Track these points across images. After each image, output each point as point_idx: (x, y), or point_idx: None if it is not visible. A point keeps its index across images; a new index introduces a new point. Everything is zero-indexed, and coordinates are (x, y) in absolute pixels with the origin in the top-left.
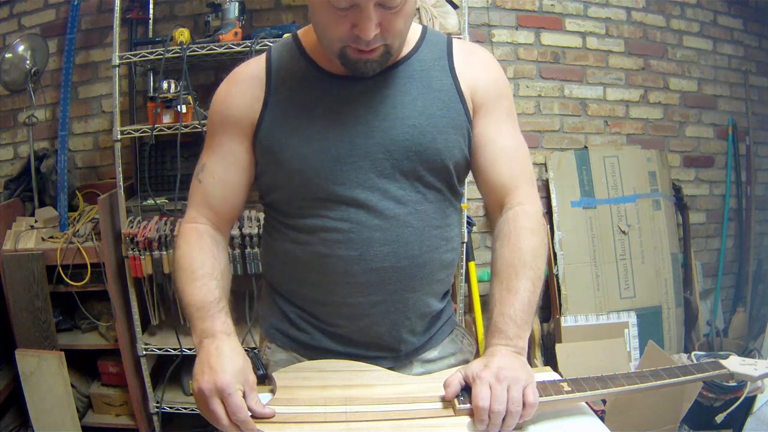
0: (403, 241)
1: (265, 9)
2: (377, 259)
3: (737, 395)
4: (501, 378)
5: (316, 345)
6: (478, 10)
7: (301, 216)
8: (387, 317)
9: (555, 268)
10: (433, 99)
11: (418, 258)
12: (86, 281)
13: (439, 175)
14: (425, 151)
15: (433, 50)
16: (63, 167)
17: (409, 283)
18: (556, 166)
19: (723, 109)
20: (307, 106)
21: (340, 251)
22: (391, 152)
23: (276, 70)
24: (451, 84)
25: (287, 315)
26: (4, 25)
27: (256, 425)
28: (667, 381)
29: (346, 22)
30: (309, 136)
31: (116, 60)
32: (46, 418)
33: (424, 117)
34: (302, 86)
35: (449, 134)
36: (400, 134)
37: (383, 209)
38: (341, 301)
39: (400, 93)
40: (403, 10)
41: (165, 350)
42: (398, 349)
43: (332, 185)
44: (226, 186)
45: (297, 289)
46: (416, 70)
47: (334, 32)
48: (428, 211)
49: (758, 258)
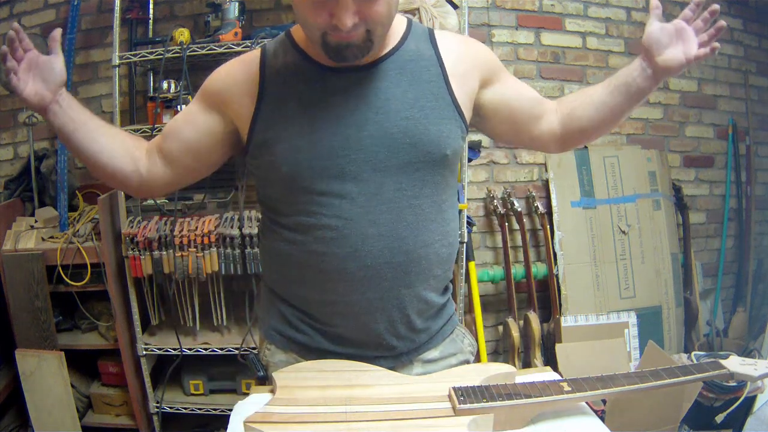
0: (398, 236)
1: (265, 9)
2: (372, 255)
3: (737, 395)
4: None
5: (316, 346)
6: (478, 10)
7: (295, 213)
8: (384, 314)
9: (555, 268)
10: (423, 91)
11: (413, 253)
12: (86, 281)
13: (434, 167)
14: (419, 142)
15: (419, 41)
16: (63, 167)
17: (404, 278)
18: (556, 166)
19: (723, 109)
20: (301, 98)
21: (334, 248)
22: (385, 145)
23: (270, 64)
24: (439, 74)
25: (286, 317)
26: (4, 25)
27: (257, 425)
28: (667, 381)
29: (325, 11)
30: (302, 128)
31: (116, 60)
32: (46, 418)
33: (416, 109)
34: (295, 78)
35: (442, 125)
36: (394, 126)
37: (377, 204)
38: (337, 299)
39: (392, 85)
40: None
41: (165, 350)
42: (396, 347)
43: (325, 178)
44: (182, 141)
45: (294, 289)
46: (405, 61)
47: (313, 21)
48: (423, 205)
49: (758, 258)
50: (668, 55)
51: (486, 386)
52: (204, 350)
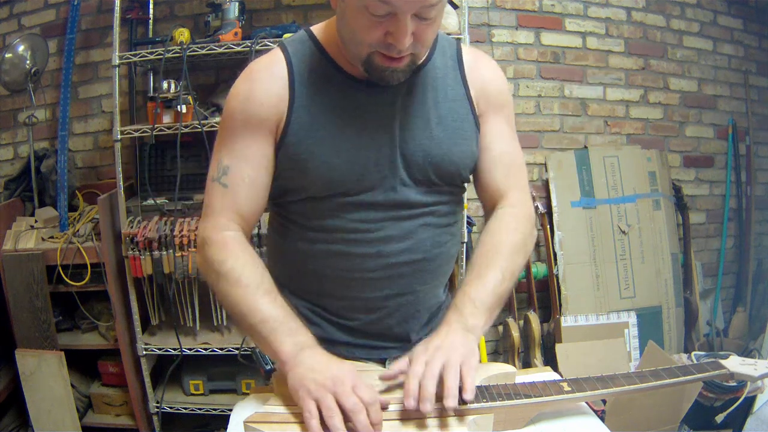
0: (418, 238)
1: (265, 9)
2: (393, 256)
3: (737, 395)
4: (437, 357)
5: (328, 337)
6: (478, 10)
7: (320, 217)
8: (399, 310)
9: (555, 268)
10: (448, 109)
11: (430, 252)
12: (86, 281)
13: (453, 182)
14: (441, 162)
15: (445, 56)
16: (63, 167)
17: (421, 276)
18: (556, 166)
19: (723, 109)
20: (334, 111)
21: (359, 249)
22: (410, 162)
23: (298, 70)
24: (463, 93)
25: (297, 309)
26: (4, 25)
27: (257, 425)
28: (667, 381)
29: (381, 29)
30: (338, 146)
31: (116, 60)
32: (46, 418)
33: (440, 128)
34: (327, 89)
35: (463, 145)
36: (419, 145)
37: (401, 211)
38: (356, 295)
39: (420, 102)
40: (436, 21)
41: (165, 350)
42: (408, 339)
43: (358, 193)
44: (257, 190)
45: (309, 285)
46: (432, 77)
47: (366, 37)
48: (441, 212)
49: (758, 258)
50: None
51: (486, 386)
52: (204, 350)
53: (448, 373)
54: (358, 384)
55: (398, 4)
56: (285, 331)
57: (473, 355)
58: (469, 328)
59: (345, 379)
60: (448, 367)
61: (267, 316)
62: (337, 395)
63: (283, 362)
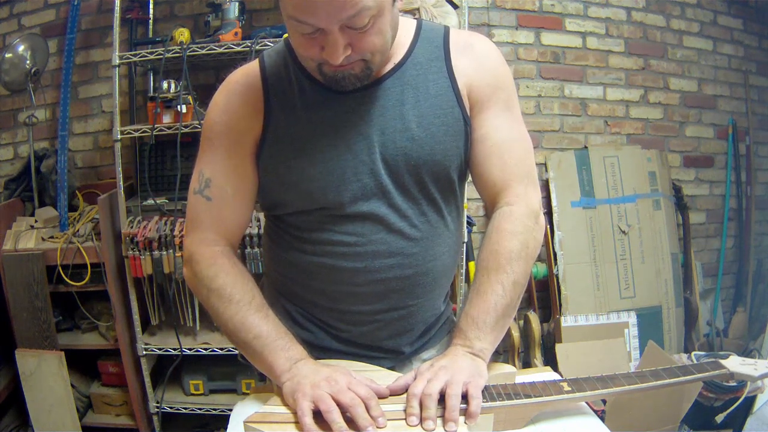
0: (408, 252)
1: (265, 9)
2: (382, 271)
3: (737, 395)
4: (440, 375)
5: (320, 344)
6: (478, 10)
7: (307, 229)
8: (390, 324)
9: (555, 268)
10: (430, 106)
11: (422, 267)
12: (86, 281)
13: (441, 184)
14: (425, 164)
15: (429, 49)
16: (63, 167)
17: (413, 291)
18: (556, 166)
19: (723, 109)
20: (310, 122)
21: (346, 263)
22: (392, 167)
23: (272, 81)
24: (448, 86)
25: (291, 314)
26: (4, 25)
27: (257, 425)
28: (667, 381)
29: (315, 45)
30: (313, 156)
31: (116, 60)
32: (46, 418)
33: (422, 128)
34: (301, 100)
35: (448, 143)
36: (400, 148)
37: (387, 222)
38: (345, 308)
39: (398, 103)
40: (375, 27)
41: (165, 350)
42: (401, 352)
43: (338, 204)
44: (240, 203)
45: (301, 293)
46: (412, 75)
47: (305, 53)
48: (431, 221)
49: (758, 258)
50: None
51: (486, 386)
52: (204, 350)
53: (449, 394)
54: (353, 381)
55: (315, 22)
56: (278, 347)
57: (480, 376)
58: (476, 353)
59: (339, 378)
60: (451, 384)
61: (259, 332)
62: (333, 393)
63: (277, 376)
